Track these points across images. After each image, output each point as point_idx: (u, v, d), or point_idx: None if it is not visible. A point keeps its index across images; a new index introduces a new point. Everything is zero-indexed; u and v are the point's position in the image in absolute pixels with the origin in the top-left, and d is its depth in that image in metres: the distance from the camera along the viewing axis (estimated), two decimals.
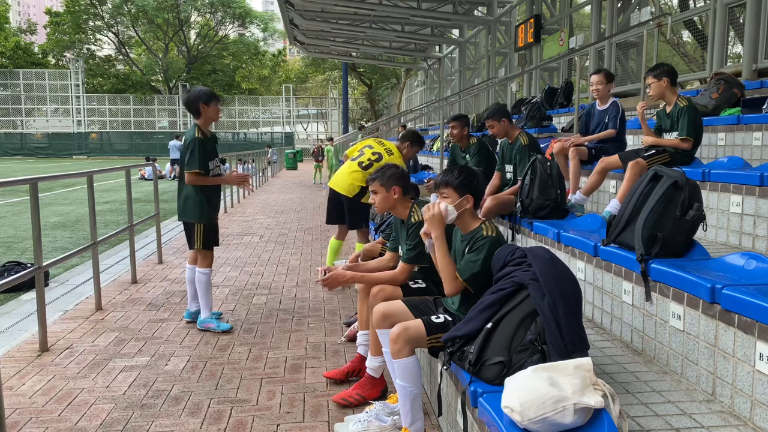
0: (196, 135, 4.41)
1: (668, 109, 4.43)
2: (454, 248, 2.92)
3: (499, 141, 5.42)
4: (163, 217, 10.35)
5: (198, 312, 4.66)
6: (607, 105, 5.12)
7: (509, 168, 5.11)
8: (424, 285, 3.30)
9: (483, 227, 2.74)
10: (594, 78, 5.13)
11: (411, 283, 3.31)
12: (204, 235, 4.53)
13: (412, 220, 3.31)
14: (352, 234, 6.17)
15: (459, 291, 2.75)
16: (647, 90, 4.51)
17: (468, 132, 6.01)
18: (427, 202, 3.21)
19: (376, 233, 5.59)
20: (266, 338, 4.41)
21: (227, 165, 14.93)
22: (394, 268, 3.40)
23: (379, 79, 45.45)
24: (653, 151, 4.36)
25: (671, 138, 4.38)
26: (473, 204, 2.80)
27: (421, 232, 2.89)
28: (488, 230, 2.72)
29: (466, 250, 2.75)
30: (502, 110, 5.07)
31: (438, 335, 2.66)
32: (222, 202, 12.05)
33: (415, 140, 5.75)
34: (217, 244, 4.75)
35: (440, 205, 2.76)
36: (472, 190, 2.77)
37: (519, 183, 4.77)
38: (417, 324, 2.70)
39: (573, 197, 4.85)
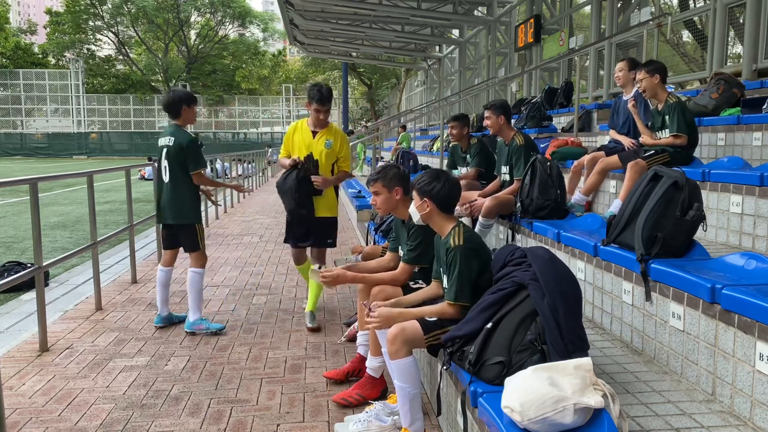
0: (191, 135, 4.51)
1: (660, 107, 4.44)
2: (437, 253, 2.94)
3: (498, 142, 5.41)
4: None
5: (169, 317, 4.69)
6: (632, 94, 4.87)
7: (505, 170, 5.10)
8: (424, 285, 3.30)
9: (451, 234, 2.73)
10: (617, 65, 5.04)
11: (411, 283, 3.32)
12: (202, 235, 4.60)
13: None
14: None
15: (459, 313, 2.68)
16: (637, 84, 4.49)
17: (468, 132, 5.99)
18: None
19: (375, 233, 5.59)
20: (266, 338, 4.41)
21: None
22: (394, 268, 3.41)
23: (379, 79, 45.44)
24: (653, 151, 4.36)
25: (664, 137, 4.39)
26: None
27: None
28: (455, 239, 2.70)
29: (444, 264, 2.79)
30: (505, 107, 5.05)
31: (435, 333, 2.66)
32: (222, 203, 12.09)
33: None
34: None
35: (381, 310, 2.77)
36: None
37: (517, 183, 4.77)
38: (413, 324, 2.70)
39: (573, 197, 4.85)
